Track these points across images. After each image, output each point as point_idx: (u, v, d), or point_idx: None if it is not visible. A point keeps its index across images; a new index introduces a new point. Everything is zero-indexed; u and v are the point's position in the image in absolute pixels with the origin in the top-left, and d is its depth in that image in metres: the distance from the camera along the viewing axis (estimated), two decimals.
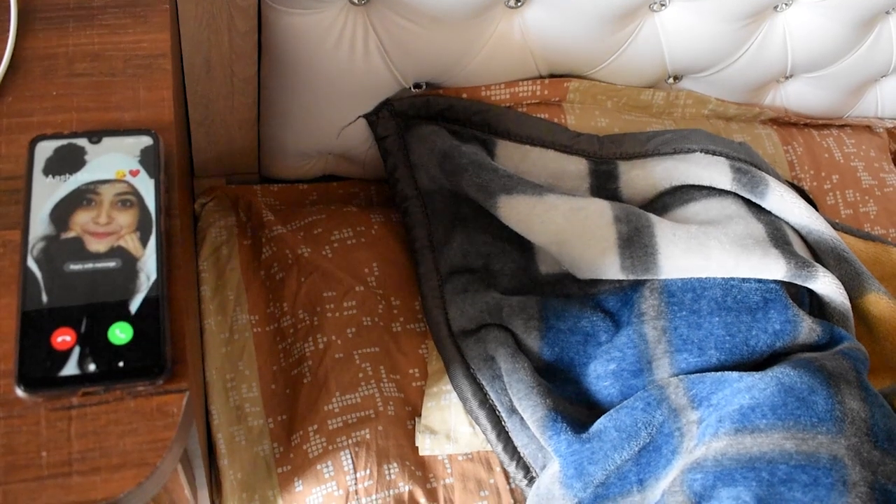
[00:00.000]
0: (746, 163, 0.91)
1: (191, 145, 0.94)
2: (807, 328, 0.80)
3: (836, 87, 1.13)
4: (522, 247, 0.88)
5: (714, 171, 0.89)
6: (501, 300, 0.84)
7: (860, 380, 0.74)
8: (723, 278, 0.81)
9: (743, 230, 0.83)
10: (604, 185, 0.91)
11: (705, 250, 0.80)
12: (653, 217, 0.84)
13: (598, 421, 0.76)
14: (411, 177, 0.92)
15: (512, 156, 0.91)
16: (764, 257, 0.80)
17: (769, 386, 0.71)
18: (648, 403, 0.75)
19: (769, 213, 0.89)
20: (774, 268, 0.79)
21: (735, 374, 0.75)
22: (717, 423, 0.71)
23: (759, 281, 0.81)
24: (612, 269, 0.81)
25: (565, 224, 0.82)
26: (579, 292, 0.86)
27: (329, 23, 0.83)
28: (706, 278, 0.81)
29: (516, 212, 0.83)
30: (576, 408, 0.80)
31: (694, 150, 0.91)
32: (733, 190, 0.88)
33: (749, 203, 0.90)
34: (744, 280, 0.81)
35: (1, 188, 0.55)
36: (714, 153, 0.91)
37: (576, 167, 0.92)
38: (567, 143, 0.93)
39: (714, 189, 0.90)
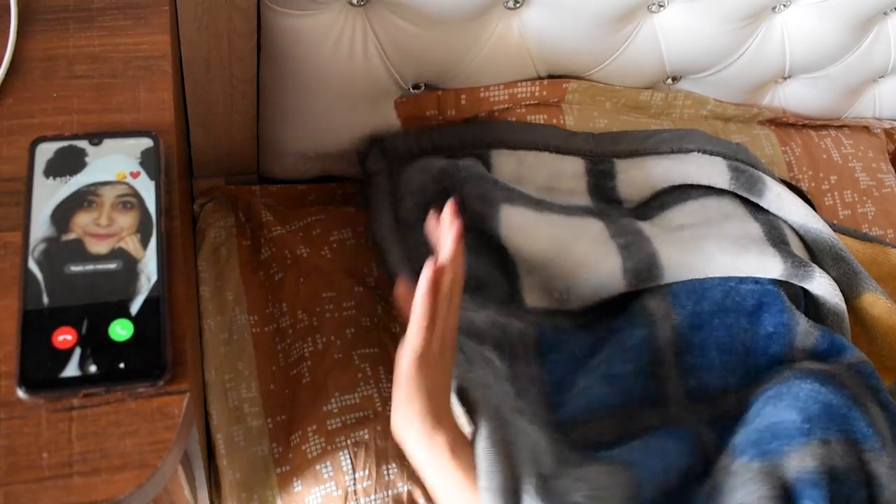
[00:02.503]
0: (744, 163, 0.92)
1: (190, 146, 0.94)
2: (802, 331, 0.80)
3: (834, 88, 1.14)
4: (509, 277, 0.86)
5: (712, 171, 0.89)
6: (503, 321, 0.81)
7: (880, 398, 0.74)
8: (721, 280, 0.81)
9: (739, 230, 0.84)
10: (601, 183, 0.92)
11: (705, 253, 0.80)
12: (647, 230, 0.84)
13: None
14: (392, 211, 0.88)
15: (508, 162, 0.91)
16: (761, 256, 0.80)
17: (810, 397, 0.70)
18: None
19: (767, 212, 0.89)
20: (771, 266, 0.80)
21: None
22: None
23: (757, 282, 0.81)
24: (613, 278, 0.81)
25: (567, 233, 0.83)
26: (566, 323, 0.84)
27: (328, 24, 0.83)
28: (707, 280, 0.81)
29: (520, 219, 0.83)
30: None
31: (692, 150, 0.91)
32: (731, 189, 0.89)
33: (747, 203, 0.90)
34: (741, 282, 0.81)
35: (1, 190, 0.55)
36: (712, 153, 0.91)
37: (572, 167, 0.92)
38: (561, 143, 0.93)
39: (712, 188, 0.90)
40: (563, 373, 0.80)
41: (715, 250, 0.80)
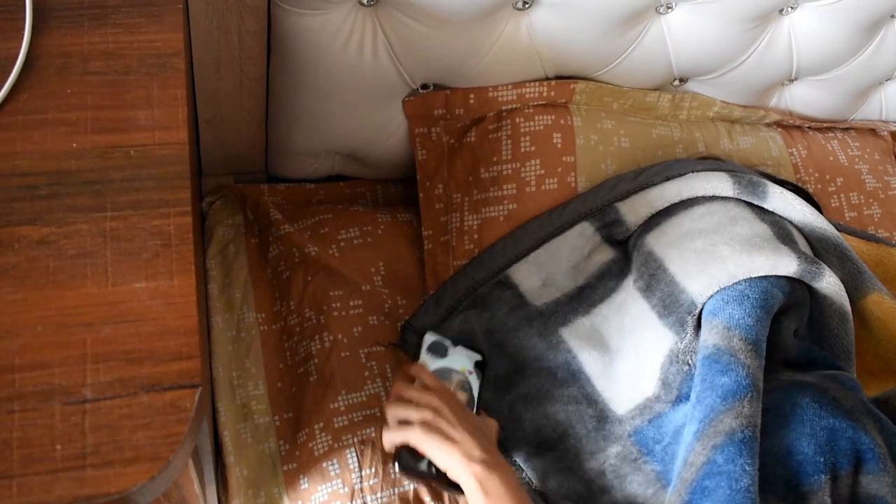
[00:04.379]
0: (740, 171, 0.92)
1: (199, 144, 0.94)
2: (783, 341, 0.80)
3: (840, 91, 1.14)
4: (591, 394, 0.84)
5: (715, 181, 0.88)
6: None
7: (871, 411, 0.74)
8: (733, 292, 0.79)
9: (749, 231, 0.83)
10: (613, 230, 0.90)
11: (721, 259, 0.79)
12: (658, 254, 0.84)
13: None
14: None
15: (528, 272, 0.91)
16: (775, 252, 0.80)
17: (816, 427, 0.70)
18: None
19: (772, 213, 0.89)
20: (786, 262, 0.79)
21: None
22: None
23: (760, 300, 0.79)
24: (663, 336, 0.80)
25: (617, 320, 0.84)
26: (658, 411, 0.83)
27: (338, 23, 0.83)
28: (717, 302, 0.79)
29: (579, 332, 0.84)
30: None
31: (685, 173, 0.91)
32: (735, 195, 0.88)
33: (752, 207, 0.90)
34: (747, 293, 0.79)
35: (16, 184, 0.55)
36: (706, 171, 0.91)
37: (582, 236, 0.91)
38: (560, 222, 0.92)
39: (717, 196, 0.90)
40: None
41: (728, 253, 0.80)
